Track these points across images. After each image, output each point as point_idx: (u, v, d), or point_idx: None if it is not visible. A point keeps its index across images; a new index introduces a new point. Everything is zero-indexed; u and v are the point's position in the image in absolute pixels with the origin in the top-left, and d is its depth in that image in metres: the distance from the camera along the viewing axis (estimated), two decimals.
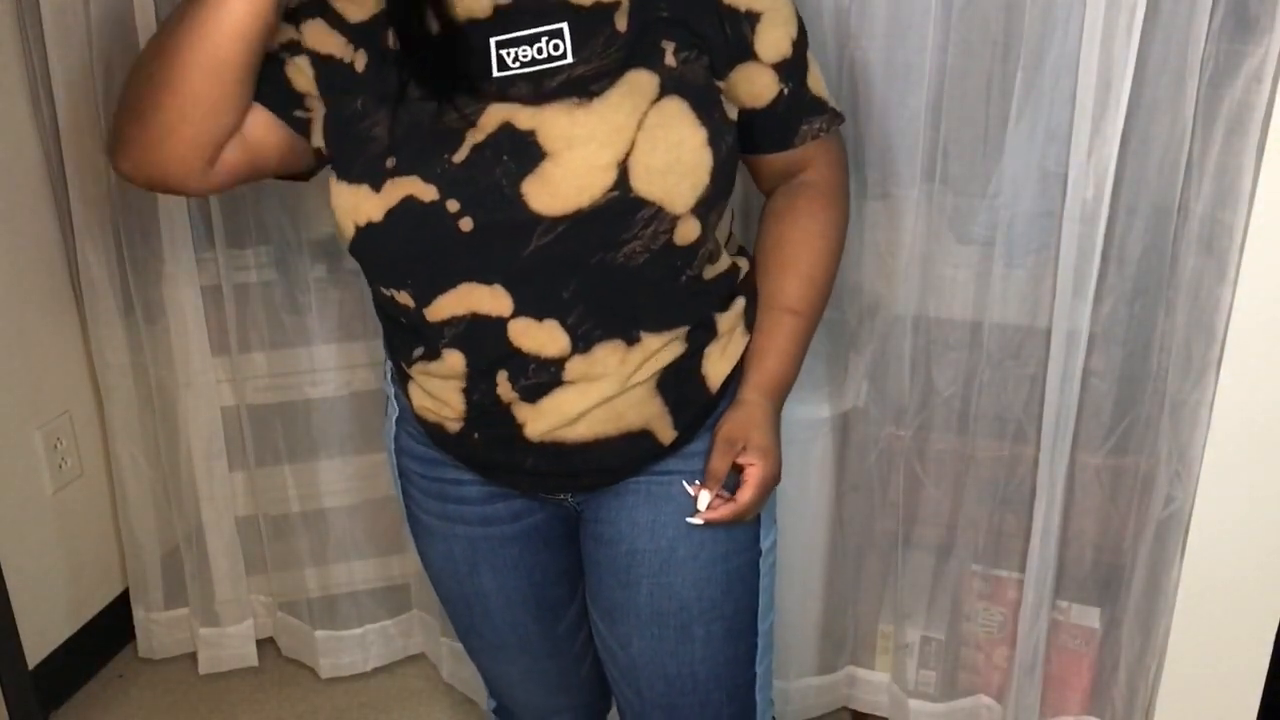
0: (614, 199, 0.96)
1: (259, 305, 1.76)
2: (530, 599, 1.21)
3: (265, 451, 1.85)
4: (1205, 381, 1.33)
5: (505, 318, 1.00)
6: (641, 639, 1.14)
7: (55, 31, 1.64)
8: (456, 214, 0.97)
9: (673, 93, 0.99)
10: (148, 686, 1.97)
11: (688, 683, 1.14)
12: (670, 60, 1.00)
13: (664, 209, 0.98)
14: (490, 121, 0.97)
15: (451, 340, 1.02)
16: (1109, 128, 1.31)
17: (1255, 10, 1.22)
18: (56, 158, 1.73)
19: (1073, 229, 1.37)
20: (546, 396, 1.03)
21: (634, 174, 0.96)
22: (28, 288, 1.78)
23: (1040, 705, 1.64)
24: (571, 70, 0.98)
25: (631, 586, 1.12)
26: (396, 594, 1.95)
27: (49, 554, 1.87)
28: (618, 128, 0.97)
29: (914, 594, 1.69)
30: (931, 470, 1.60)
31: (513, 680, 1.31)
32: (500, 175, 0.96)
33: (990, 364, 1.51)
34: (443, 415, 1.08)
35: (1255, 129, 1.24)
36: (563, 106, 0.97)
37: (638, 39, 1.00)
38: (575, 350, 1.01)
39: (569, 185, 0.96)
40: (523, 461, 1.07)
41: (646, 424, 1.06)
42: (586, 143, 0.96)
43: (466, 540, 1.18)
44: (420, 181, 0.97)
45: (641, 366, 1.03)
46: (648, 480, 1.11)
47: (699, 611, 1.12)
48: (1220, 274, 1.31)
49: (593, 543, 1.16)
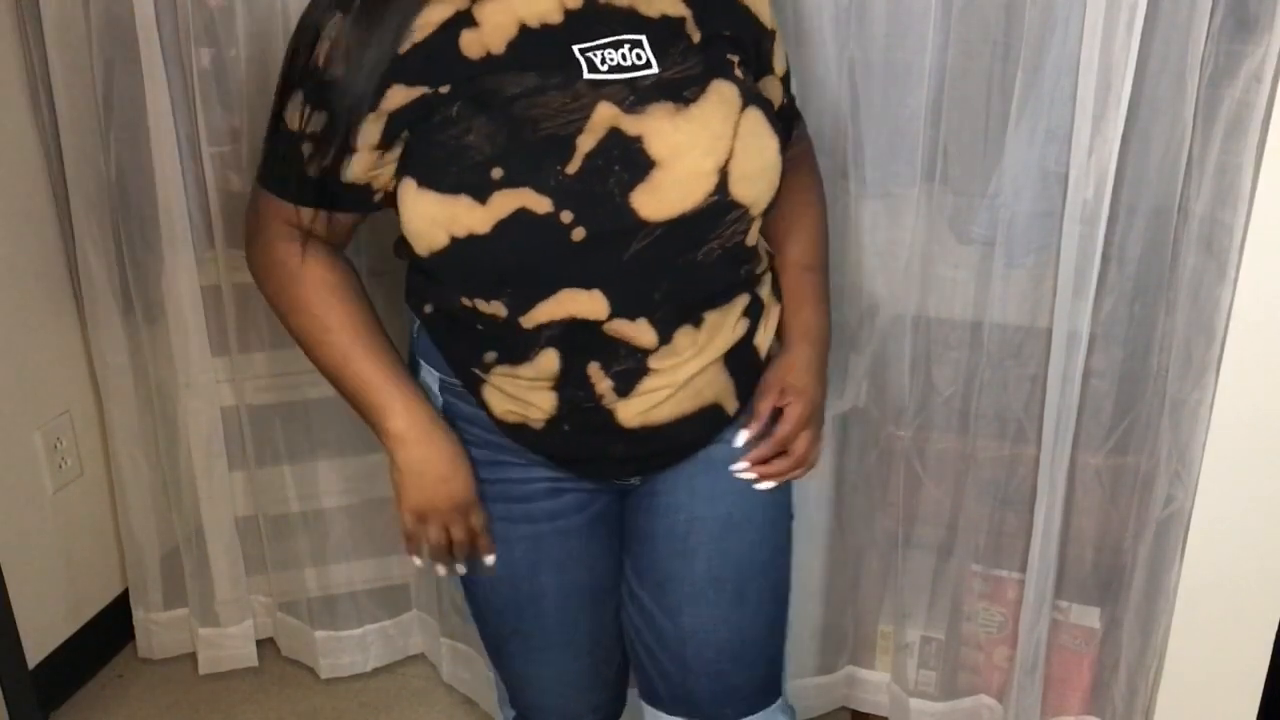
0: (713, 203, 1.00)
1: (259, 305, 1.75)
2: (587, 591, 1.22)
3: (265, 451, 1.85)
4: (1205, 381, 1.33)
5: (601, 320, 1.02)
6: (694, 607, 1.17)
7: (55, 31, 1.64)
8: (570, 225, 0.97)
9: (752, 104, 1.04)
10: (147, 687, 1.97)
11: (736, 648, 1.18)
12: (739, 73, 1.06)
13: (750, 210, 1.04)
14: (599, 124, 0.97)
15: (547, 342, 1.04)
16: (1109, 128, 1.31)
17: (1255, 10, 1.22)
18: (56, 158, 1.73)
19: (1073, 229, 1.37)
20: (637, 385, 1.06)
21: (732, 179, 1.01)
22: (28, 288, 1.78)
23: (1040, 705, 1.64)
24: (659, 77, 1.01)
25: (688, 555, 1.16)
26: (396, 594, 1.95)
27: (49, 554, 1.87)
28: (717, 135, 1.00)
29: (914, 594, 1.69)
30: (932, 470, 1.60)
31: (544, 685, 1.29)
32: (613, 184, 0.97)
33: (990, 364, 1.51)
34: (528, 416, 1.09)
35: (1255, 129, 1.24)
36: (663, 110, 0.99)
37: (709, 50, 1.04)
38: (661, 342, 1.05)
39: (676, 192, 0.99)
40: (611, 448, 1.11)
41: (717, 398, 1.12)
42: (691, 150, 0.99)
43: (530, 539, 1.18)
44: (533, 193, 0.96)
45: (710, 345, 1.08)
46: (706, 448, 1.15)
47: (751, 575, 1.18)
48: (1220, 274, 1.31)
49: (646, 515, 1.18)
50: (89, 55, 1.64)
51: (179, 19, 1.59)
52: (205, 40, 1.59)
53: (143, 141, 1.67)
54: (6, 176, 1.72)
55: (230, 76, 1.61)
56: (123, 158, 1.69)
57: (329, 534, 1.89)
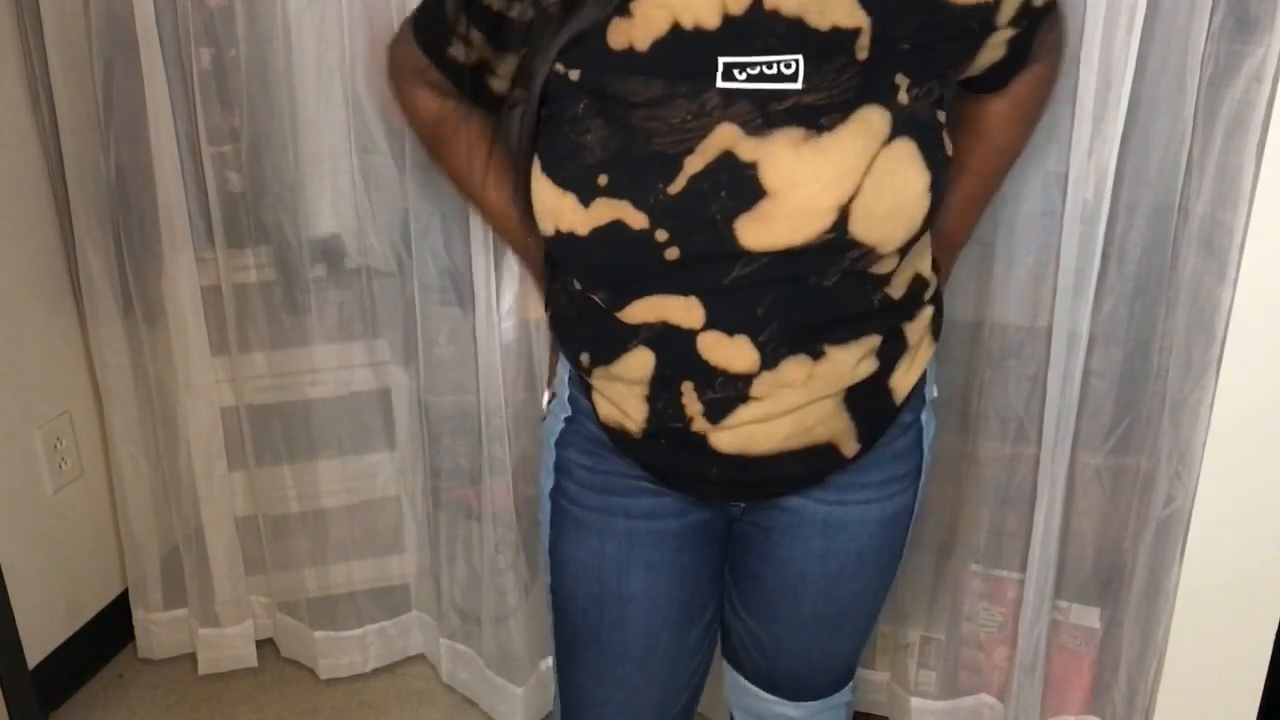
0: (829, 240, 0.93)
1: (259, 305, 1.76)
2: (674, 603, 1.17)
3: (265, 451, 1.85)
4: (1205, 381, 1.33)
5: (696, 330, 0.98)
6: (794, 637, 1.20)
7: (55, 31, 1.64)
8: (664, 243, 0.94)
9: (904, 134, 0.94)
10: (147, 687, 1.97)
11: (824, 662, 1.23)
12: (903, 97, 0.94)
13: (875, 250, 0.96)
14: (711, 148, 0.93)
15: (643, 341, 1.01)
16: (1109, 128, 1.32)
17: (1255, 10, 1.22)
18: (56, 158, 1.73)
19: (1073, 229, 1.37)
20: (731, 414, 1.01)
21: (854, 218, 0.93)
22: (28, 288, 1.78)
23: (1040, 705, 1.64)
24: (800, 97, 0.92)
25: (796, 601, 1.17)
26: (396, 594, 1.95)
27: (49, 554, 1.87)
28: (846, 170, 0.92)
29: (914, 594, 1.69)
30: (932, 470, 1.60)
31: (609, 710, 1.22)
32: (715, 211, 0.93)
33: (991, 364, 1.51)
34: (625, 424, 1.07)
35: (1255, 129, 1.24)
36: (789, 138, 0.92)
37: (873, 70, 0.93)
38: (764, 366, 0.99)
39: (785, 225, 0.93)
40: (706, 471, 1.06)
41: (832, 438, 1.05)
42: (810, 183, 0.92)
43: (625, 535, 1.14)
44: (631, 208, 0.94)
45: (825, 379, 1.01)
46: (825, 509, 1.11)
47: (853, 615, 1.20)
48: (1220, 274, 1.31)
49: (758, 559, 1.16)
50: (89, 55, 1.64)
51: (179, 19, 1.59)
52: (205, 40, 1.59)
53: (143, 141, 1.67)
54: (6, 176, 1.72)
55: (230, 76, 1.61)
56: (123, 158, 1.69)
57: (329, 534, 1.89)
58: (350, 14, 1.53)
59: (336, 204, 1.68)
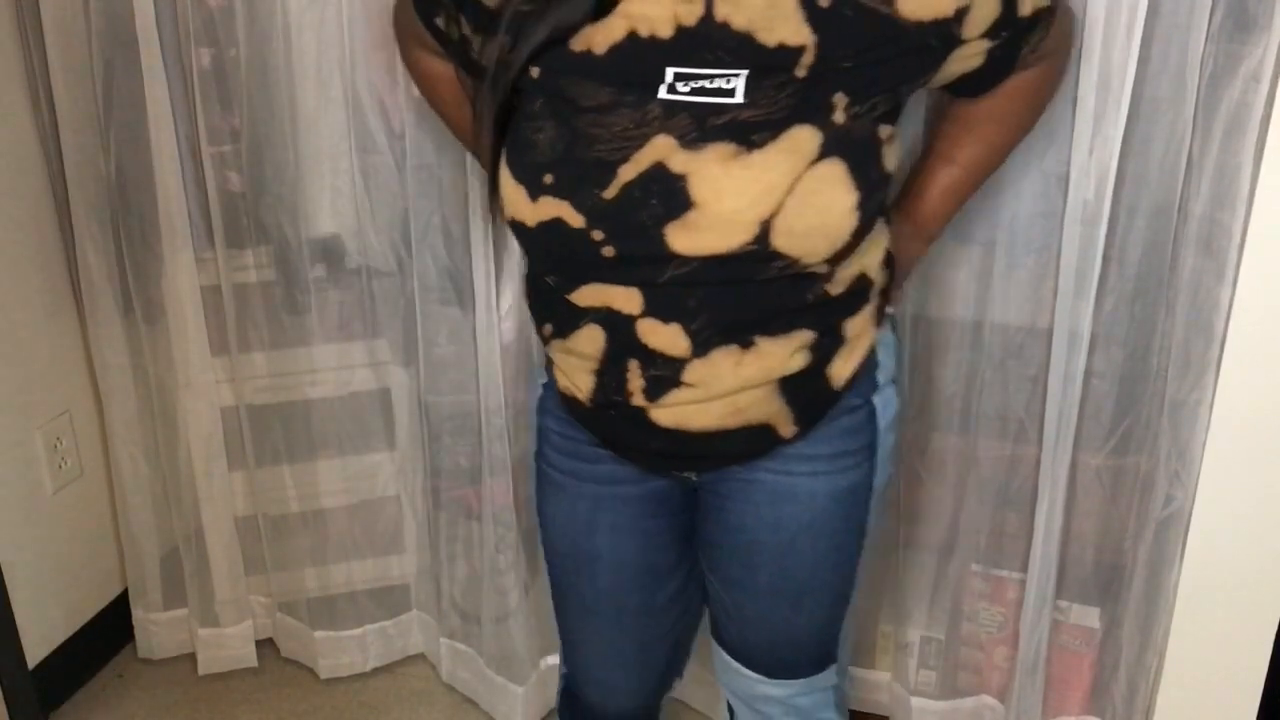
0: (751, 251, 0.98)
1: (259, 305, 1.76)
2: (640, 564, 1.25)
3: (265, 451, 1.85)
4: (1205, 381, 1.33)
5: (635, 315, 1.04)
6: (755, 605, 1.22)
7: (55, 31, 1.64)
8: (600, 242, 1.01)
9: (833, 154, 0.98)
10: (147, 687, 1.97)
11: (790, 637, 1.24)
12: (839, 116, 0.98)
13: (799, 261, 1.00)
14: (644, 159, 0.98)
15: (592, 319, 1.07)
16: (1109, 128, 1.31)
17: (1254, 10, 1.22)
18: (56, 158, 1.73)
19: (1073, 229, 1.37)
20: (667, 394, 1.07)
21: (775, 232, 0.97)
22: (28, 288, 1.78)
23: (1041, 705, 1.64)
24: (738, 113, 0.97)
25: (751, 568, 1.20)
26: (396, 594, 1.95)
27: (49, 554, 1.87)
28: (769, 187, 0.96)
29: (914, 594, 1.69)
30: (932, 470, 1.60)
31: (591, 652, 1.33)
32: (646, 217, 0.99)
33: (991, 364, 1.51)
34: (576, 393, 1.14)
35: (1254, 129, 1.24)
36: (720, 153, 0.97)
37: (811, 88, 0.97)
38: (695, 354, 1.04)
39: (711, 235, 0.98)
40: (648, 443, 1.13)
41: (768, 419, 1.10)
42: (735, 198, 0.97)
43: (591, 498, 1.23)
44: (571, 208, 1.00)
45: (756, 368, 1.06)
46: (773, 478, 1.15)
47: (811, 589, 1.21)
48: (1219, 274, 1.31)
49: (714, 526, 1.21)
50: (89, 55, 1.64)
51: (179, 19, 1.59)
52: (205, 40, 1.59)
53: (143, 141, 1.67)
54: (6, 176, 1.72)
55: (230, 76, 1.61)
56: (123, 158, 1.70)
57: (329, 534, 1.89)
58: (350, 14, 1.53)
59: (336, 204, 1.68)
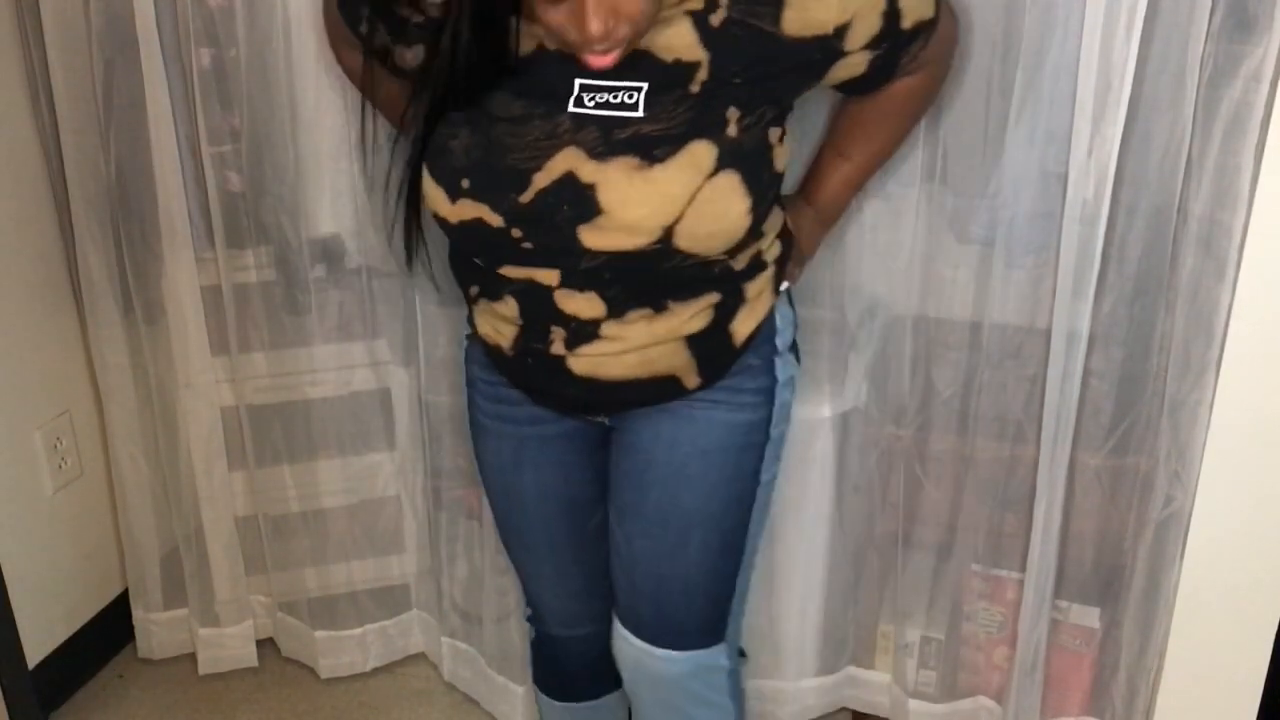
0: (656, 249, 1.08)
1: (259, 305, 1.76)
2: (564, 497, 1.35)
3: (265, 451, 1.85)
4: (1205, 381, 1.33)
5: (554, 286, 1.14)
6: (644, 538, 1.28)
7: (55, 31, 1.64)
8: (520, 238, 1.11)
9: (728, 167, 1.07)
10: (147, 687, 1.97)
11: (678, 584, 1.29)
12: (732, 130, 1.07)
13: (700, 255, 1.11)
14: (556, 168, 1.07)
15: (511, 292, 1.17)
16: (1109, 128, 1.31)
17: (1254, 10, 1.22)
18: (56, 158, 1.73)
19: (1073, 229, 1.37)
20: (585, 345, 1.17)
21: (677, 235, 1.07)
22: (28, 288, 1.78)
23: (1040, 705, 1.64)
24: (639, 126, 1.06)
25: (643, 490, 1.27)
26: (396, 594, 1.95)
27: (49, 554, 1.87)
28: (670, 198, 1.06)
29: (914, 594, 1.69)
30: (931, 471, 1.60)
31: (543, 584, 1.43)
32: (560, 219, 1.08)
33: (990, 364, 1.51)
34: (499, 341, 1.23)
35: (1254, 129, 1.24)
36: (625, 166, 1.06)
37: (706, 104, 1.06)
38: (610, 315, 1.14)
39: (619, 235, 1.08)
40: (565, 389, 1.22)
41: (673, 371, 1.20)
42: (639, 207, 1.06)
43: (515, 439, 1.33)
44: (489, 210, 1.10)
45: (667, 325, 1.16)
46: (675, 406, 1.23)
47: (698, 522, 1.27)
48: (1219, 274, 1.31)
49: (617, 450, 1.29)
50: (89, 55, 1.64)
51: (179, 19, 1.59)
52: (205, 40, 1.59)
53: (143, 141, 1.67)
54: (6, 176, 1.72)
55: (230, 76, 1.61)
56: (123, 158, 1.70)
57: (329, 534, 1.89)
58: None
59: (336, 204, 1.68)
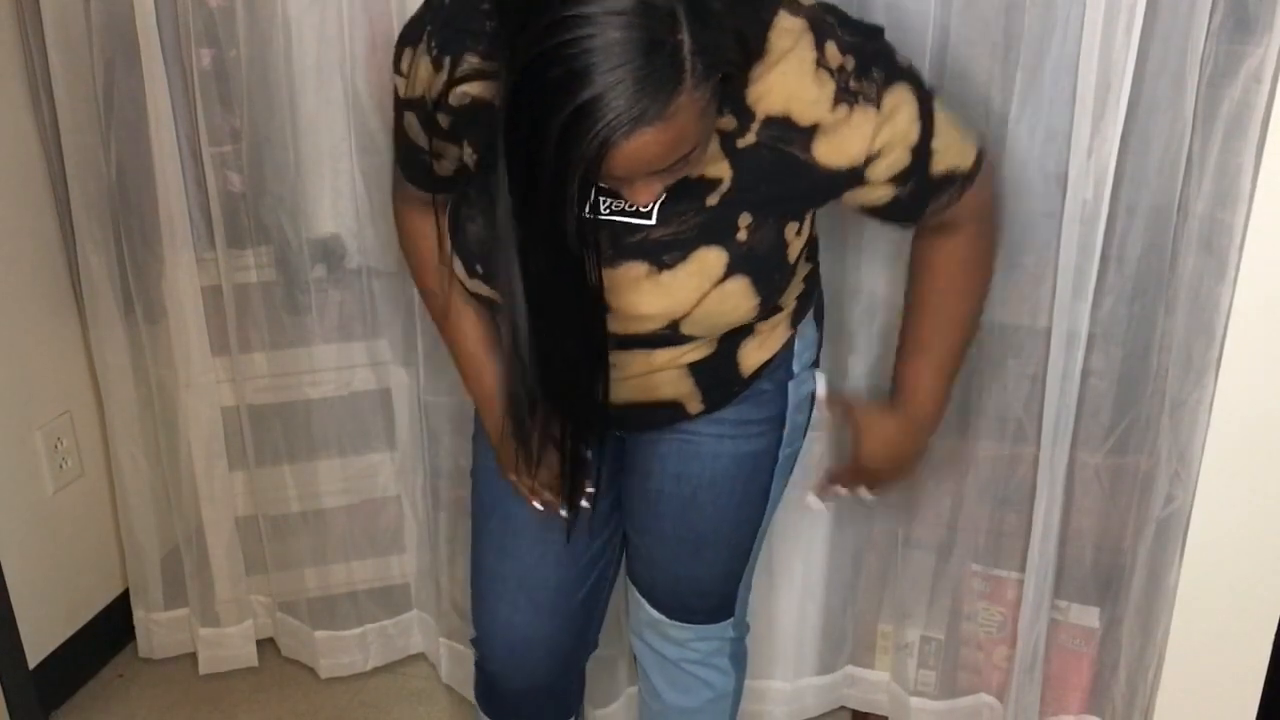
0: (665, 334, 1.09)
1: (259, 305, 1.76)
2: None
3: (265, 451, 1.85)
4: (1205, 381, 1.33)
5: None
6: (662, 551, 1.34)
7: (55, 31, 1.63)
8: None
9: (739, 272, 1.05)
10: (148, 686, 1.97)
11: (694, 585, 1.36)
12: (742, 235, 1.05)
13: (708, 337, 1.13)
14: None
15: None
16: (1109, 128, 1.32)
17: (1255, 10, 1.23)
18: (56, 158, 1.73)
19: (1072, 229, 1.37)
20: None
21: (684, 326, 1.08)
22: (28, 288, 1.78)
23: (1040, 704, 1.64)
24: (649, 232, 1.04)
25: (657, 516, 1.30)
26: (396, 594, 1.95)
27: (49, 554, 1.87)
28: (679, 302, 1.06)
29: (914, 594, 1.69)
30: (931, 470, 1.60)
31: (504, 591, 1.33)
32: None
33: (990, 364, 1.51)
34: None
35: (1255, 129, 1.24)
36: (634, 272, 1.04)
37: (719, 213, 1.04)
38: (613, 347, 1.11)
39: (628, 323, 1.07)
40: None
41: (677, 397, 1.19)
42: (648, 307, 1.06)
43: None
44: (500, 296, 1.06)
45: (670, 358, 1.15)
46: (680, 439, 1.24)
47: (710, 541, 1.32)
48: (1220, 274, 1.31)
49: (629, 473, 1.31)
50: (89, 55, 1.64)
51: (179, 19, 1.59)
52: (205, 40, 1.59)
53: (143, 141, 1.67)
54: (6, 176, 1.72)
55: (230, 76, 1.61)
56: (123, 158, 1.70)
57: (329, 534, 1.89)
58: (350, 14, 1.53)
59: (336, 204, 1.68)
